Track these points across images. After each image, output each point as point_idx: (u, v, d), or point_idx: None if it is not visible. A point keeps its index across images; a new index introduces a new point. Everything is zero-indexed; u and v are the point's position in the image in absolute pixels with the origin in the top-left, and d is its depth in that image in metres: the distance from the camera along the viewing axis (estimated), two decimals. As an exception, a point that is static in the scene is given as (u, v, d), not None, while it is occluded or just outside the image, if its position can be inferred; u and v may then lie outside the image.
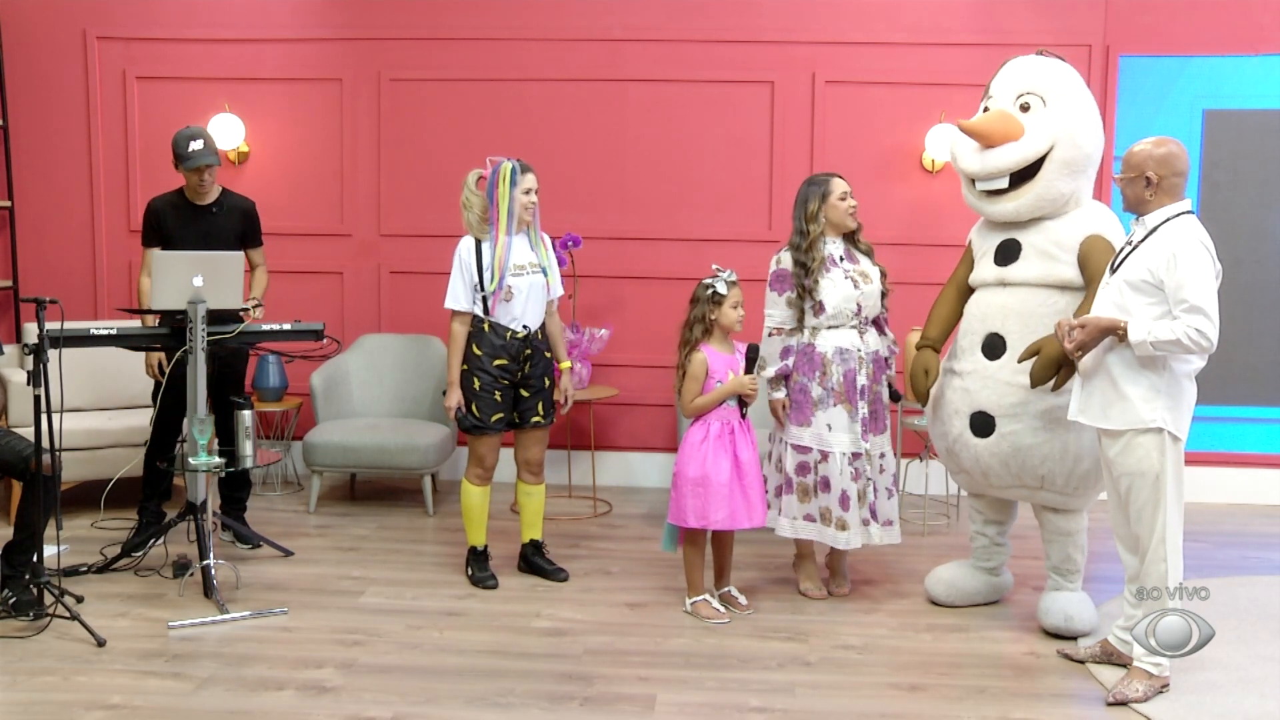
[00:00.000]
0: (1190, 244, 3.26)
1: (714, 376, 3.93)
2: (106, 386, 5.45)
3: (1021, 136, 3.85)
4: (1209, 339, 3.20)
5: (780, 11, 5.77)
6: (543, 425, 4.37)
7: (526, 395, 4.32)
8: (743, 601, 4.13)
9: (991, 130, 3.87)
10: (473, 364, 4.23)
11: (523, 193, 4.19)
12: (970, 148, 3.95)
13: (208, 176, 4.57)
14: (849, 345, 4.09)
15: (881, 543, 4.16)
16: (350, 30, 5.91)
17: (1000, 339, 3.87)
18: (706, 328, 3.96)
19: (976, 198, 3.99)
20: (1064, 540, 3.95)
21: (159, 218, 4.62)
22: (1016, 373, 3.80)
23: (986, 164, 3.88)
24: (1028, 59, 4.00)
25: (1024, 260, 3.87)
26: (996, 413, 3.85)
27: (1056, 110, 3.86)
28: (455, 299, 4.23)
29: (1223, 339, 3.27)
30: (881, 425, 4.17)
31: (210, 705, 3.32)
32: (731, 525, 3.95)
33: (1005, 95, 3.96)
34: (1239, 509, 5.70)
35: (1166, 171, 3.36)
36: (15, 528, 4.00)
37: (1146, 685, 3.38)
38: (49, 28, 5.98)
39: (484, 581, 4.34)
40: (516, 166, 4.18)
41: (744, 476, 3.94)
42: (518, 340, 4.24)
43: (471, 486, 4.34)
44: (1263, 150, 5.71)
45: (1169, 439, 3.33)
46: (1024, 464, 3.84)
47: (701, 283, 4.00)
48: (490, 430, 4.27)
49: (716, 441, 3.93)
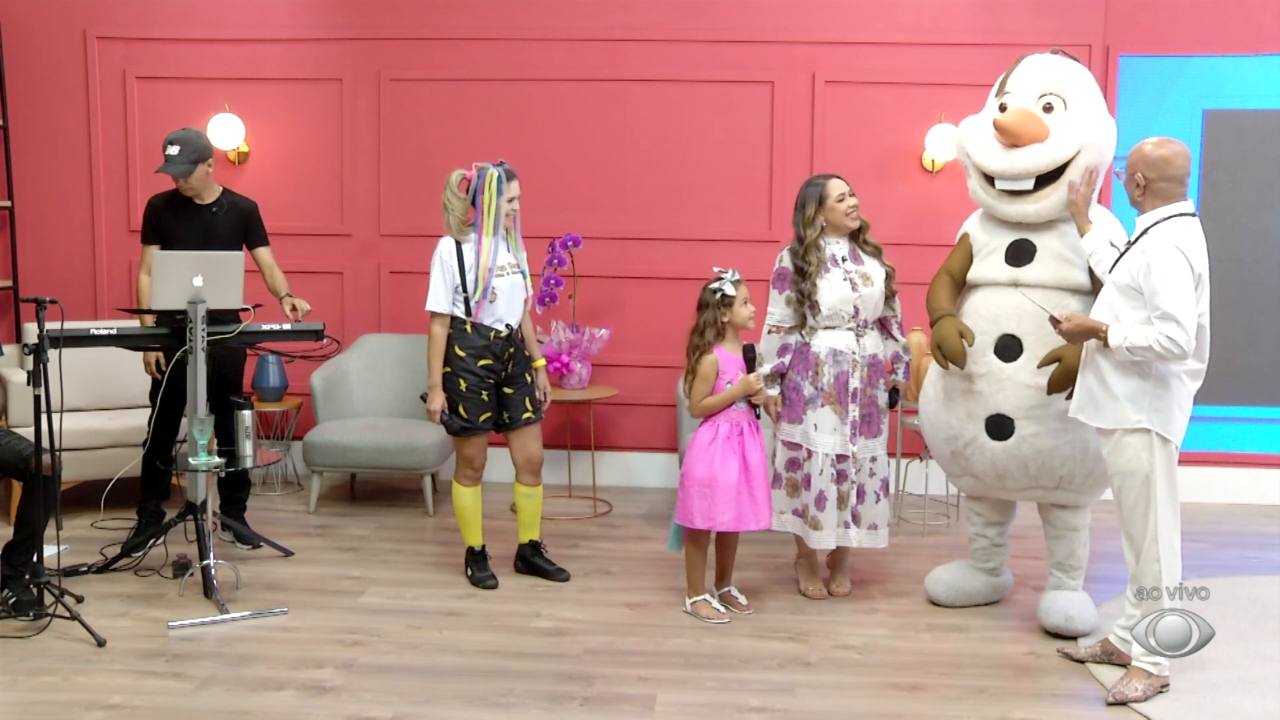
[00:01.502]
0: (1166, 250, 3.25)
1: (724, 377, 3.92)
2: (106, 386, 5.45)
3: (1047, 138, 3.80)
4: (1180, 346, 3.19)
5: (780, 11, 5.77)
6: (534, 420, 4.37)
7: (511, 392, 4.32)
8: (743, 602, 4.13)
9: (1022, 129, 3.81)
10: (456, 366, 4.22)
11: (506, 200, 4.21)
12: (994, 145, 3.88)
13: (182, 184, 4.55)
14: (843, 347, 4.09)
15: (861, 546, 4.17)
16: (350, 30, 5.90)
17: (1016, 341, 3.83)
18: (719, 330, 3.95)
19: (993, 197, 3.92)
20: (1071, 536, 3.95)
21: (158, 215, 4.61)
22: (1035, 375, 3.78)
23: (1014, 164, 3.82)
24: (1046, 57, 3.95)
25: (1039, 263, 3.84)
26: (1016, 415, 3.82)
27: (1080, 114, 3.82)
28: (437, 301, 4.22)
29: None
30: (876, 429, 4.15)
31: (210, 705, 3.32)
32: (738, 527, 3.94)
33: (1027, 94, 3.90)
34: (1239, 509, 5.70)
35: (1155, 175, 3.34)
36: (15, 528, 4.00)
37: (1146, 685, 3.38)
38: (49, 28, 5.98)
39: (484, 581, 4.34)
40: (502, 175, 4.19)
41: (752, 479, 3.93)
42: (501, 339, 4.25)
43: (463, 488, 4.34)
44: (1263, 150, 5.71)
45: (1157, 440, 3.33)
46: (1044, 466, 3.82)
47: (707, 287, 3.99)
48: (479, 431, 4.27)
49: (725, 443, 3.92)
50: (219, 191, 4.68)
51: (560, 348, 5.47)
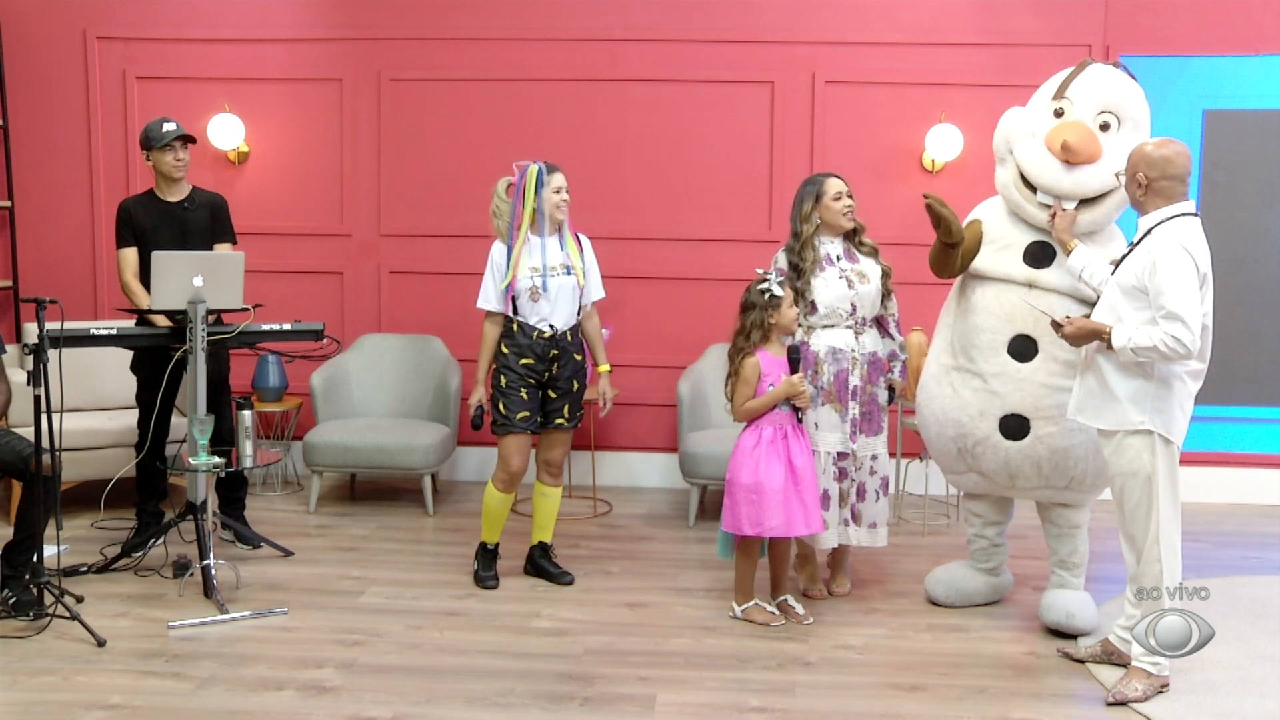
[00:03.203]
0: (1171, 250, 3.25)
1: (767, 379, 3.87)
2: (106, 386, 5.45)
3: (1099, 159, 3.76)
4: (1186, 346, 3.19)
5: (780, 11, 5.77)
6: (566, 428, 4.35)
7: (554, 397, 4.30)
8: (800, 611, 4.03)
9: (1084, 150, 3.74)
10: (500, 362, 4.23)
11: (553, 192, 4.20)
12: (1047, 157, 3.79)
13: (183, 155, 4.54)
14: (842, 345, 4.08)
15: (861, 545, 4.16)
16: (350, 30, 5.91)
17: (1031, 342, 3.82)
18: (764, 333, 3.90)
19: (1029, 202, 3.85)
20: (1074, 533, 3.95)
21: (132, 216, 4.59)
22: (1052, 375, 3.77)
23: (1065, 184, 3.75)
24: (1110, 70, 3.89)
25: (1058, 269, 3.81)
26: (1033, 415, 3.81)
27: (1130, 138, 3.76)
28: (486, 299, 4.23)
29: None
30: (876, 427, 4.15)
31: (210, 705, 3.32)
32: (788, 532, 3.87)
33: (1088, 107, 3.84)
34: (1239, 509, 5.70)
35: (1156, 174, 3.34)
36: (15, 528, 4.00)
37: (1146, 685, 3.38)
38: (49, 28, 5.98)
39: (485, 581, 4.33)
40: (543, 168, 4.20)
41: (799, 482, 3.85)
42: (544, 340, 4.22)
43: (495, 490, 4.31)
44: (1263, 150, 5.71)
45: (1159, 441, 3.33)
46: (1058, 465, 3.81)
47: (753, 288, 3.91)
48: (516, 428, 4.22)
49: (769, 447, 3.86)
50: (189, 189, 4.67)
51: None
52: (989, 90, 5.53)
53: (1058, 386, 3.76)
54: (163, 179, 4.59)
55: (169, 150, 4.52)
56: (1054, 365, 3.79)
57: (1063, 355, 3.77)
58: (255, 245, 5.09)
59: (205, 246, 4.58)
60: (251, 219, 5.59)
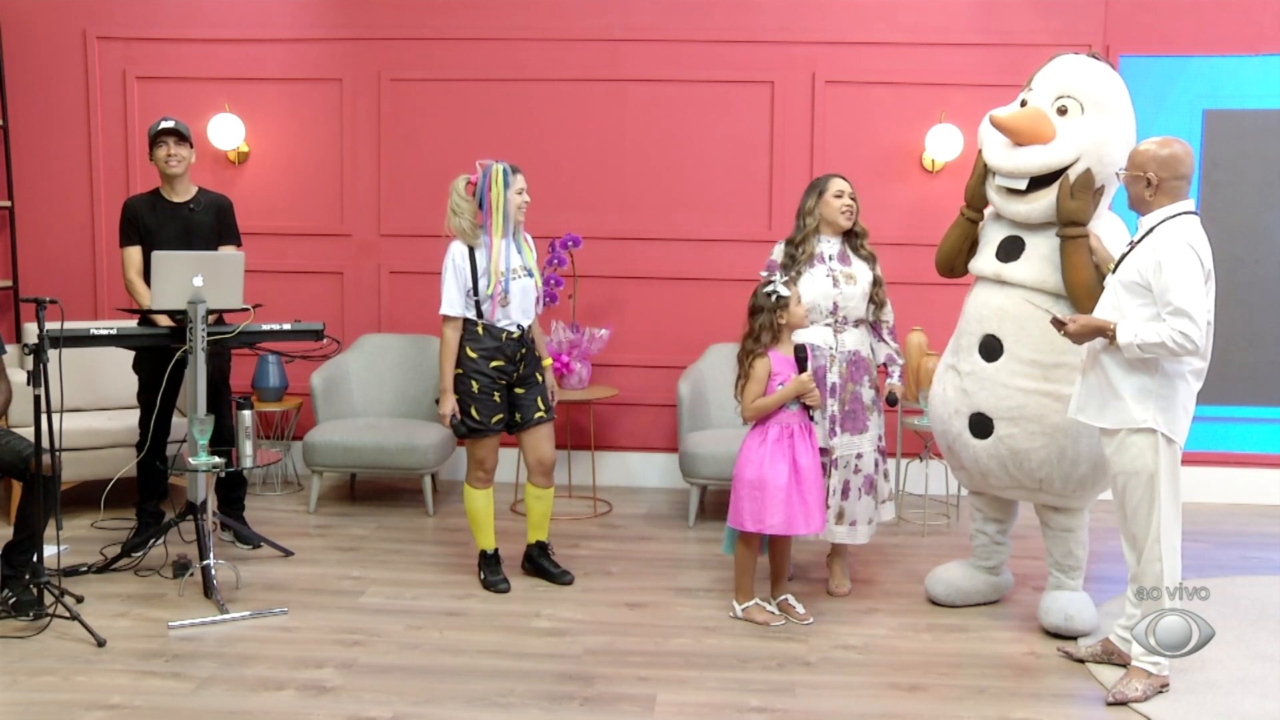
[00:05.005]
0: (1178, 247, 3.25)
1: (777, 378, 3.88)
2: (106, 386, 5.45)
3: (1051, 139, 3.76)
4: (1193, 342, 3.20)
5: (780, 11, 5.77)
6: (548, 419, 4.36)
7: (523, 393, 4.31)
8: (800, 611, 4.03)
9: (1020, 128, 3.77)
10: (469, 367, 4.22)
11: (516, 193, 4.20)
12: (999, 141, 3.85)
13: (176, 150, 4.53)
14: (821, 342, 4.09)
15: (841, 542, 4.17)
16: (350, 30, 5.91)
17: (997, 341, 3.85)
18: (775, 334, 3.91)
19: (995, 192, 3.91)
20: (1066, 536, 3.96)
21: (138, 215, 4.59)
22: (1014, 375, 3.80)
23: (1012, 162, 3.80)
24: (1076, 58, 3.90)
25: (1025, 261, 3.84)
26: (995, 415, 3.84)
27: (1092, 121, 3.77)
28: (451, 305, 4.21)
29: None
30: (860, 425, 4.14)
31: (210, 705, 3.32)
32: (788, 530, 3.88)
33: (1045, 93, 3.86)
34: (1239, 509, 5.70)
35: (1167, 174, 3.35)
36: (15, 528, 4.00)
37: (1146, 685, 3.38)
38: (49, 28, 5.98)
39: (496, 585, 4.32)
40: (507, 168, 4.19)
41: (803, 482, 3.86)
42: (513, 341, 4.24)
43: (474, 490, 4.33)
44: (1263, 150, 5.71)
45: (1162, 440, 3.33)
46: (1021, 467, 3.84)
47: (760, 291, 3.92)
48: (490, 432, 4.26)
49: (775, 445, 3.87)
50: (195, 190, 4.67)
51: (560, 348, 5.47)
52: (989, 90, 5.50)
53: (1018, 387, 3.78)
54: (164, 177, 4.59)
55: (161, 145, 4.52)
56: (1015, 365, 3.80)
57: (1025, 355, 3.79)
58: (255, 245, 5.09)
59: (210, 248, 4.58)
60: (251, 219, 5.57)
